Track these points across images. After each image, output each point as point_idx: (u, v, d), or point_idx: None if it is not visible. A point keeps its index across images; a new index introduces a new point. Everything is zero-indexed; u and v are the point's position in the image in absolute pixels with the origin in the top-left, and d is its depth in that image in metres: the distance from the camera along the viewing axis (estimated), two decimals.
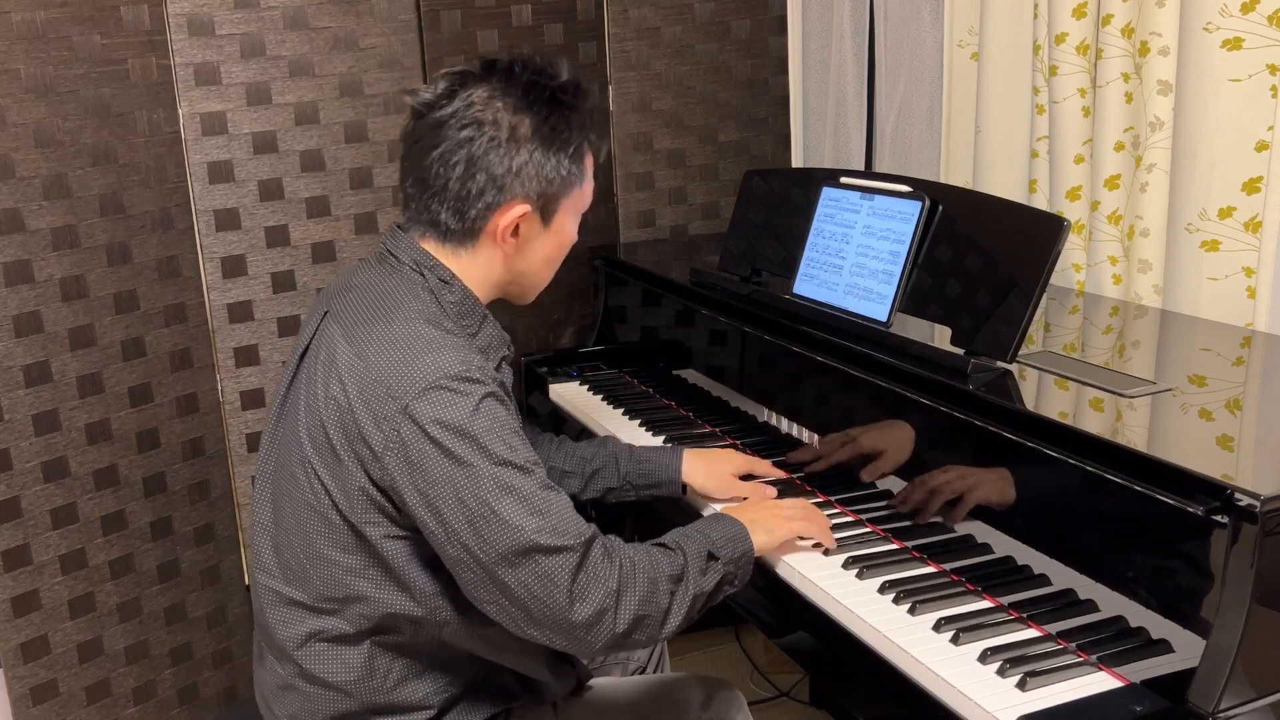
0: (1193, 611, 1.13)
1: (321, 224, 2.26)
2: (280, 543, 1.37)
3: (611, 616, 1.25)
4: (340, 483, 1.27)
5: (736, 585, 1.40)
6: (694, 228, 2.62)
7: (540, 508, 1.22)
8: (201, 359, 2.19)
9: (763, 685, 2.59)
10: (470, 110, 1.31)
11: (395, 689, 1.35)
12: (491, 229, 1.34)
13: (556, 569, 1.22)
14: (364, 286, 1.35)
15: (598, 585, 1.24)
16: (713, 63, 2.55)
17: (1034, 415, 1.34)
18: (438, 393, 1.21)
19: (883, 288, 1.63)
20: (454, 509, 1.21)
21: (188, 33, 2.09)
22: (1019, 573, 1.34)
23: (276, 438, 1.40)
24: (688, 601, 1.32)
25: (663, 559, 1.32)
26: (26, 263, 1.94)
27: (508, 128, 1.31)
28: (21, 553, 2.00)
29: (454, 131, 1.31)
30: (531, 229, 1.37)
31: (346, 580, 1.31)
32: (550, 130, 1.33)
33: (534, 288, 1.46)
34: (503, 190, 1.32)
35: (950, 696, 1.20)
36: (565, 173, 1.35)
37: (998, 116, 2.11)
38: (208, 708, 2.29)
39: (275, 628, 1.37)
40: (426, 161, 1.33)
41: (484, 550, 1.21)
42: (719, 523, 1.42)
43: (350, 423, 1.25)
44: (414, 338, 1.26)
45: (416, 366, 1.22)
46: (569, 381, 2.29)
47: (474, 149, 1.31)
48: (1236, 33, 1.70)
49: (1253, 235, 1.72)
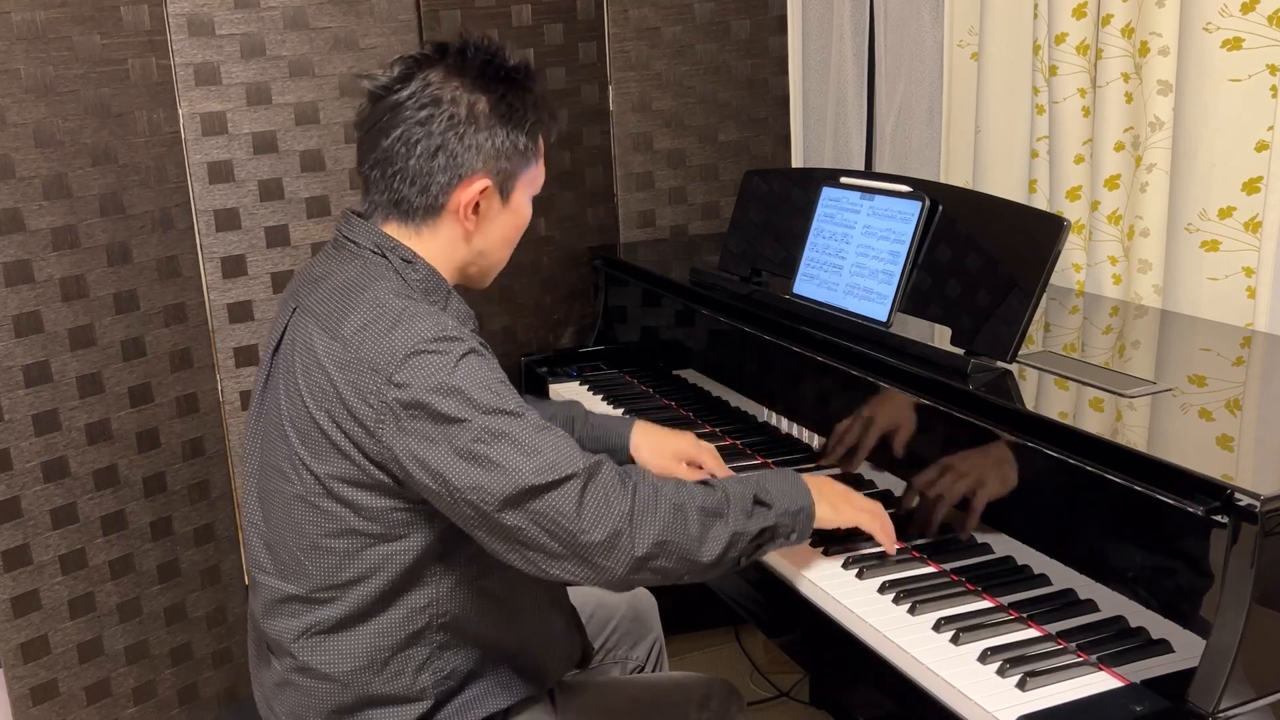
0: (1193, 611, 1.14)
1: (321, 224, 2.26)
2: (272, 540, 1.38)
3: (628, 539, 1.24)
4: (332, 469, 1.29)
5: (792, 540, 1.38)
6: (694, 228, 2.62)
7: (535, 447, 1.23)
8: (201, 359, 2.19)
9: (763, 685, 2.59)
10: (428, 90, 1.34)
11: (391, 680, 1.36)
12: (454, 205, 1.36)
13: (560, 500, 1.22)
14: (329, 276, 1.37)
15: (608, 508, 1.24)
16: (713, 63, 2.55)
17: (1034, 415, 1.34)
18: (419, 357, 1.23)
19: (883, 288, 1.63)
20: (452, 466, 1.22)
21: (188, 33, 2.09)
22: (1019, 573, 1.34)
23: (257, 437, 1.41)
24: (726, 536, 1.30)
25: (698, 492, 1.31)
26: (26, 263, 1.94)
27: (466, 105, 1.34)
28: (21, 553, 2.00)
29: (413, 111, 1.33)
30: (491, 205, 1.39)
31: (345, 564, 1.32)
32: (507, 108, 1.36)
33: (493, 268, 1.47)
34: (464, 166, 1.35)
35: (950, 696, 1.20)
36: (522, 148, 1.38)
37: (998, 116, 2.11)
38: (208, 708, 2.29)
39: (273, 624, 1.38)
40: (386, 143, 1.35)
41: (486, 501, 1.22)
42: (780, 475, 1.40)
43: (338, 407, 1.26)
44: (386, 311, 1.28)
45: (394, 337, 1.25)
46: (569, 381, 2.29)
47: (434, 126, 1.33)
48: (1236, 33, 1.70)
49: (1253, 235, 1.72)
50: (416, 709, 1.37)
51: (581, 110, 2.45)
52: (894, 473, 1.55)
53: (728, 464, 1.78)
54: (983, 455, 1.38)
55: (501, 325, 2.45)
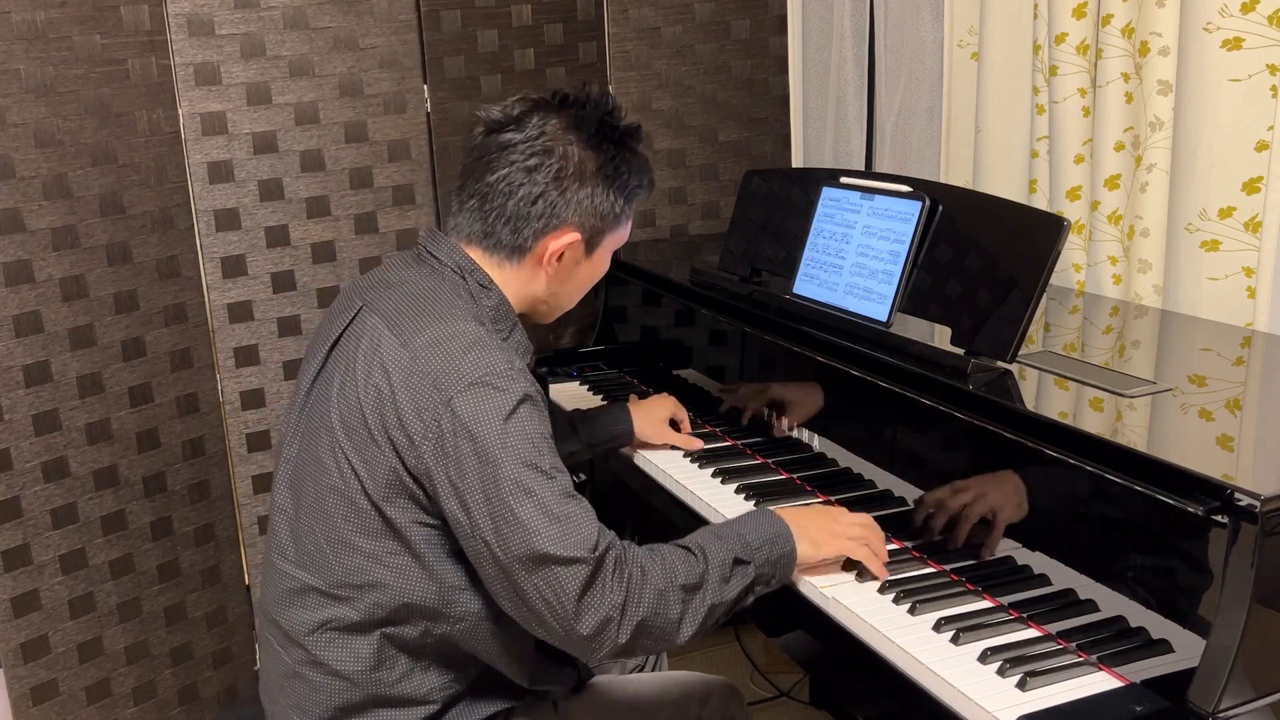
0: (1193, 611, 1.13)
1: (321, 224, 2.26)
2: (300, 528, 1.38)
3: (615, 628, 1.26)
4: (371, 468, 1.30)
5: (774, 586, 1.39)
6: (694, 228, 2.62)
7: (558, 515, 1.24)
8: (201, 359, 2.19)
9: (763, 685, 2.59)
10: (541, 139, 1.38)
11: (400, 681, 1.36)
12: (540, 250, 1.40)
13: (567, 579, 1.23)
14: (404, 284, 1.39)
15: (604, 600, 1.25)
16: (713, 63, 2.55)
17: (1034, 415, 1.34)
18: (482, 389, 1.25)
19: (883, 288, 1.63)
20: (480, 504, 1.23)
21: (188, 33, 2.09)
22: (1019, 572, 1.34)
23: (302, 424, 1.41)
24: (703, 611, 1.31)
25: (679, 566, 1.31)
26: (26, 263, 1.94)
27: (575, 162, 1.38)
28: (21, 553, 2.00)
29: (521, 156, 1.37)
30: (575, 256, 1.43)
31: (367, 567, 1.32)
32: (614, 170, 1.41)
33: (561, 309, 1.51)
34: (559, 218, 1.39)
35: (950, 696, 1.20)
36: (618, 211, 1.43)
37: (998, 116, 2.11)
38: (208, 708, 2.29)
39: (287, 613, 1.38)
40: (491, 178, 1.38)
41: (502, 549, 1.23)
42: (760, 522, 1.40)
43: (390, 410, 1.28)
44: (462, 334, 1.30)
45: (464, 361, 1.26)
46: (569, 381, 2.29)
47: (540, 175, 1.37)
48: (1236, 33, 1.70)
49: (1253, 235, 1.72)
50: (423, 711, 1.38)
51: None
52: (894, 473, 1.55)
53: (727, 464, 1.79)
54: (983, 455, 1.38)
55: None
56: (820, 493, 1.67)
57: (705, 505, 1.67)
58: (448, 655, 1.38)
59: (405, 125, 2.29)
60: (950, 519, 1.44)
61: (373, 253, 2.31)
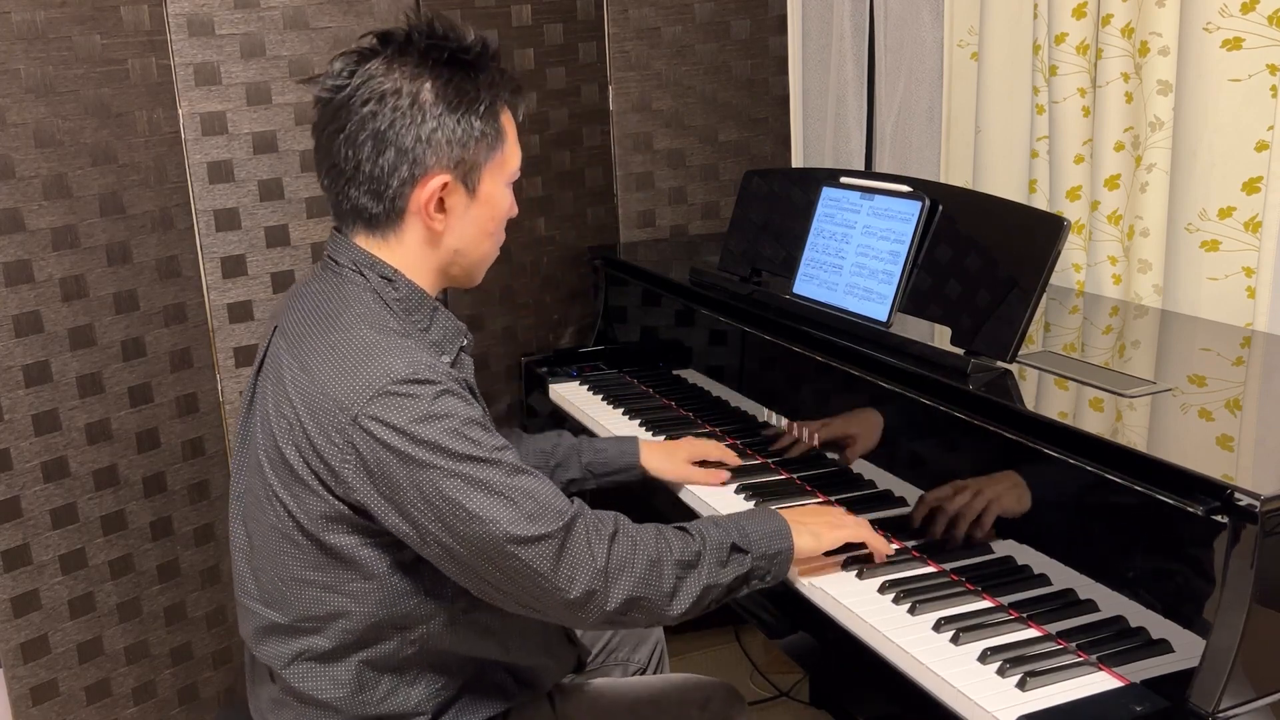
0: (1193, 611, 1.13)
1: (321, 224, 2.26)
2: (256, 566, 1.34)
3: (602, 595, 1.22)
4: (302, 504, 1.24)
5: (769, 582, 1.37)
6: (694, 228, 2.62)
7: (512, 495, 1.19)
8: (201, 359, 2.19)
9: (763, 685, 2.59)
10: (369, 84, 1.25)
11: (386, 699, 1.34)
12: (415, 207, 1.28)
13: (536, 558, 1.19)
14: (308, 295, 1.32)
15: (583, 566, 1.22)
16: (713, 63, 2.55)
17: (1034, 415, 1.34)
18: (386, 399, 1.17)
19: (883, 288, 1.63)
20: (423, 511, 1.18)
21: (188, 33, 2.09)
22: (1019, 572, 1.34)
23: (242, 461, 1.36)
24: (697, 590, 1.29)
25: (675, 543, 1.29)
26: (26, 263, 1.94)
27: (409, 95, 1.25)
28: (21, 553, 2.00)
29: (357, 109, 1.25)
30: (457, 201, 1.30)
31: (324, 598, 1.28)
32: (455, 91, 1.26)
33: (476, 265, 1.38)
34: (417, 162, 1.26)
35: (950, 696, 1.20)
36: (479, 134, 1.28)
37: (998, 116, 2.11)
38: (208, 708, 2.29)
39: (262, 648, 1.35)
40: (334, 146, 1.27)
41: (462, 546, 1.19)
42: (760, 517, 1.39)
43: (304, 442, 1.22)
44: (355, 345, 1.22)
45: (361, 375, 1.19)
46: (569, 381, 2.29)
47: (378, 123, 1.24)
48: (1236, 33, 1.70)
49: (1253, 235, 1.72)
50: None
51: (581, 110, 2.45)
52: (894, 473, 1.55)
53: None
54: (983, 455, 1.38)
55: (501, 325, 2.45)
56: (820, 493, 1.67)
57: (705, 505, 1.68)
58: (431, 662, 1.35)
59: None
60: (950, 519, 1.44)
61: None
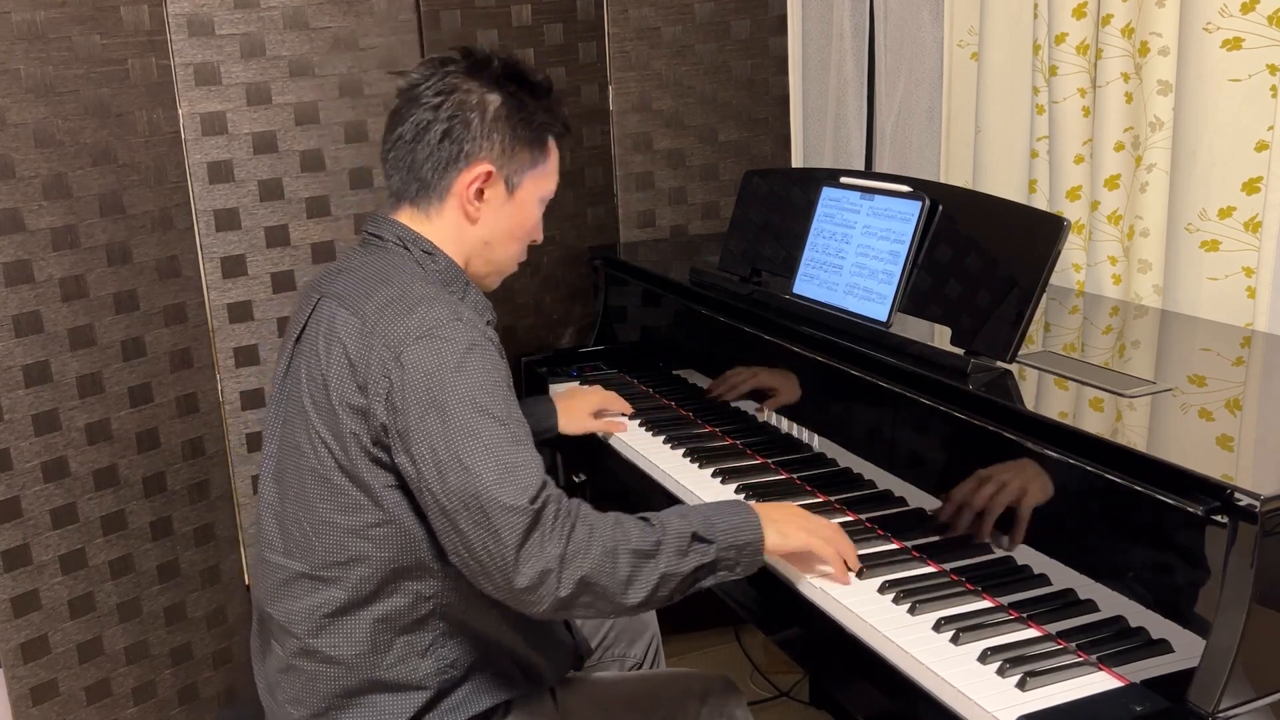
0: (1193, 611, 1.13)
1: (321, 224, 2.26)
2: (285, 517, 1.40)
3: (555, 580, 1.24)
4: (340, 439, 1.32)
5: (737, 573, 1.37)
6: (694, 228, 2.62)
7: (505, 461, 1.24)
8: (201, 359, 2.19)
9: (763, 685, 2.59)
10: (445, 80, 1.43)
11: (395, 665, 1.38)
12: (458, 188, 1.43)
13: (505, 527, 1.23)
14: (354, 267, 1.43)
15: (543, 551, 1.24)
16: (713, 63, 2.55)
17: (1034, 415, 1.34)
18: (429, 340, 1.28)
19: (883, 288, 1.63)
20: (425, 453, 1.25)
21: (188, 33, 2.09)
22: (1019, 572, 1.34)
23: (279, 419, 1.44)
24: (655, 579, 1.29)
25: (633, 531, 1.30)
26: (26, 263, 1.94)
27: (478, 96, 1.42)
28: (21, 553, 2.00)
29: (428, 98, 1.42)
30: (496, 194, 1.45)
31: (348, 542, 1.34)
32: (518, 104, 1.44)
33: (499, 265, 1.53)
34: (469, 150, 1.42)
35: (950, 696, 1.20)
36: (527, 143, 1.45)
37: (998, 116, 2.11)
38: (208, 708, 2.29)
39: (280, 605, 1.40)
40: (401, 128, 1.44)
41: (444, 494, 1.24)
42: (729, 509, 1.40)
43: (348, 377, 1.31)
44: (409, 293, 1.34)
45: (411, 318, 1.30)
46: (569, 381, 2.29)
47: (443, 112, 1.41)
48: (1236, 33, 1.70)
49: (1253, 235, 1.72)
50: (418, 697, 1.38)
51: (581, 110, 2.45)
52: (893, 473, 1.55)
53: (727, 463, 1.79)
54: (983, 455, 1.38)
55: (502, 325, 2.43)
56: (820, 493, 1.67)
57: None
58: (443, 632, 1.39)
59: None
60: (950, 519, 1.44)
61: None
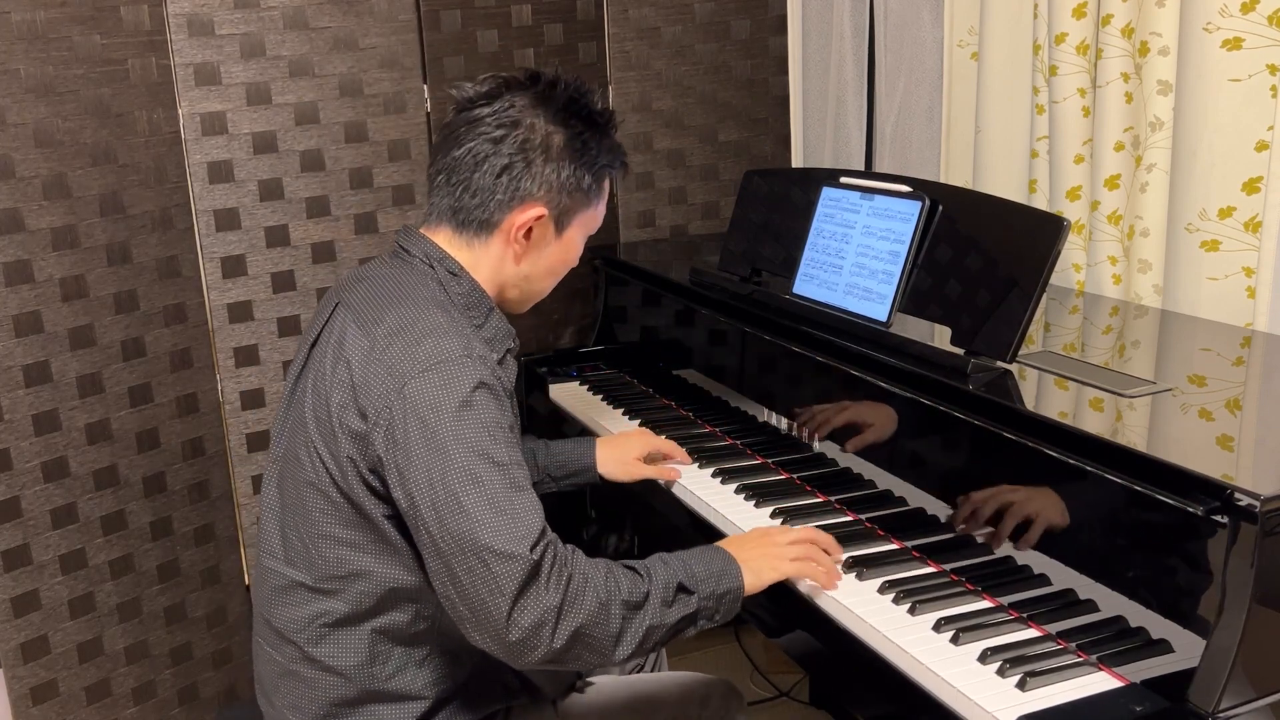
0: (1193, 611, 1.13)
1: (321, 224, 2.26)
2: (285, 525, 1.39)
3: (550, 632, 1.21)
4: (337, 460, 1.30)
5: (716, 621, 1.35)
6: (694, 228, 2.62)
7: (504, 508, 1.21)
8: (201, 359, 2.19)
9: (763, 685, 2.59)
10: (509, 111, 1.37)
11: (393, 677, 1.37)
12: (507, 226, 1.39)
13: (503, 576, 1.19)
14: (375, 279, 1.40)
15: (539, 602, 1.20)
16: (713, 63, 2.55)
17: (1034, 415, 1.34)
18: (435, 374, 1.24)
19: (883, 288, 1.63)
20: (424, 492, 1.22)
21: (188, 33, 2.09)
22: (1019, 572, 1.34)
23: (286, 424, 1.43)
24: (641, 631, 1.27)
25: (624, 582, 1.27)
26: (26, 263, 1.94)
27: (542, 135, 1.37)
28: (21, 553, 2.00)
29: (489, 129, 1.36)
30: (544, 234, 1.41)
31: (349, 556, 1.33)
32: (581, 145, 1.39)
33: (533, 295, 1.50)
34: (525, 191, 1.37)
35: (950, 696, 1.20)
36: (585, 187, 1.41)
37: (998, 116, 2.11)
38: (208, 708, 2.29)
39: (278, 611, 1.39)
40: (458, 152, 1.38)
41: (443, 538, 1.21)
42: (709, 556, 1.37)
43: (350, 400, 1.28)
44: (422, 321, 1.29)
45: (420, 348, 1.26)
46: (569, 381, 2.29)
47: (505, 147, 1.36)
48: (1236, 33, 1.70)
49: (1253, 235, 1.72)
50: (416, 707, 1.38)
51: None
52: (893, 473, 1.55)
53: (728, 464, 1.79)
54: (983, 456, 1.38)
55: None
56: (820, 493, 1.67)
57: (705, 506, 1.67)
58: (441, 645, 1.38)
59: (405, 125, 2.29)
60: (949, 519, 1.44)
61: (373, 253, 2.31)
